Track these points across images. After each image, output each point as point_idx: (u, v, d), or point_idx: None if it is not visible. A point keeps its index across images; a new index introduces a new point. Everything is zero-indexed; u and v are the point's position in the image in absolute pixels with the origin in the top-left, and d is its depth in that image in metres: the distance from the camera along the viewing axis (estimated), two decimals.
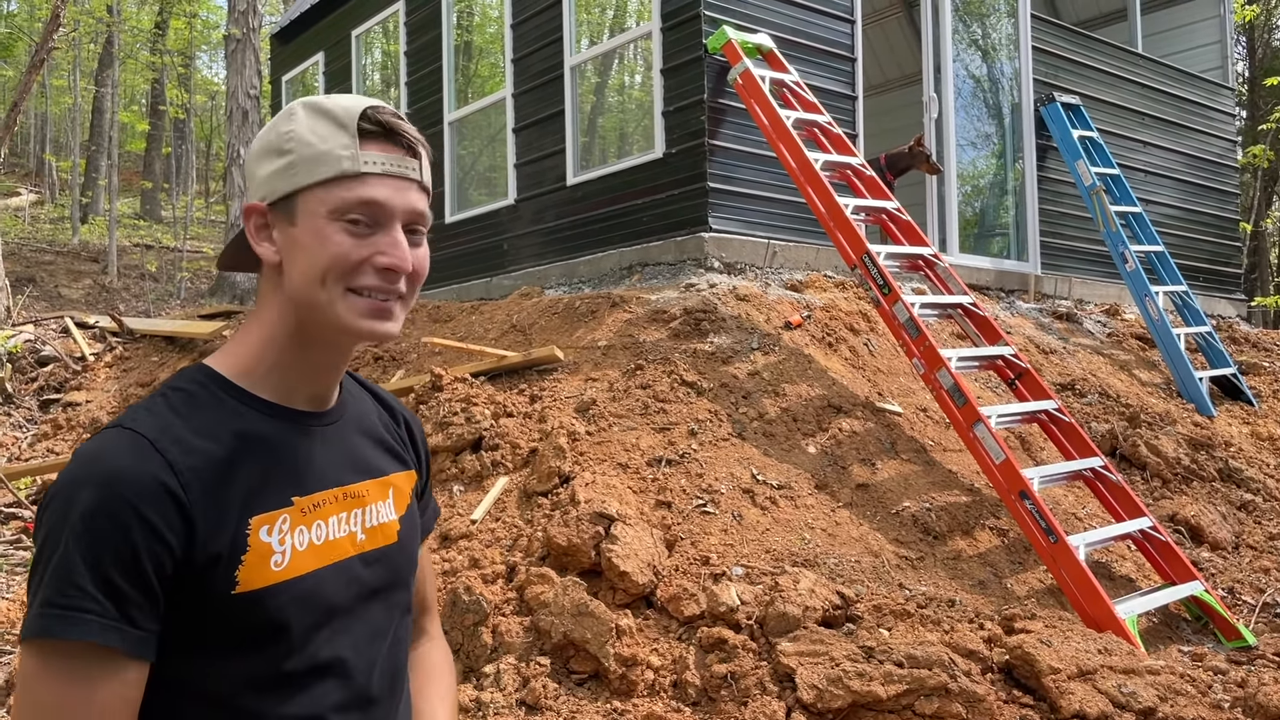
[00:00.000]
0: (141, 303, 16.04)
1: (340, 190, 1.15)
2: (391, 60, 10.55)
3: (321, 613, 1.19)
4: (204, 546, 1.09)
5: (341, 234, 1.15)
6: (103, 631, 1.03)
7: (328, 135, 1.16)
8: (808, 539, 4.29)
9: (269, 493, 1.16)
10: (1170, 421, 6.41)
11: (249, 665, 1.14)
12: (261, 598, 1.13)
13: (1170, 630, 4.42)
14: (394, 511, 1.33)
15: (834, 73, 7.45)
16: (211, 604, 1.10)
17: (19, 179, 27.07)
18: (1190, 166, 10.26)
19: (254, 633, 1.13)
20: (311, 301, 1.17)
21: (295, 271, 1.18)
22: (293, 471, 1.20)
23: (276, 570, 1.14)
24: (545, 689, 3.49)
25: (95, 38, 25.90)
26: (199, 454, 1.12)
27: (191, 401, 1.17)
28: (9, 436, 7.91)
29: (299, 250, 1.17)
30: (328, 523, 1.22)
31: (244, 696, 1.14)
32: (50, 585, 1.03)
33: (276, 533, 1.15)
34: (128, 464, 1.07)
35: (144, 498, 1.05)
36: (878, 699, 3.22)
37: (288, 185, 1.17)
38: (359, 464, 1.30)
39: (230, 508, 1.12)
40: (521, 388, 5.62)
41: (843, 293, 6.68)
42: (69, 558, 1.03)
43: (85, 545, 1.03)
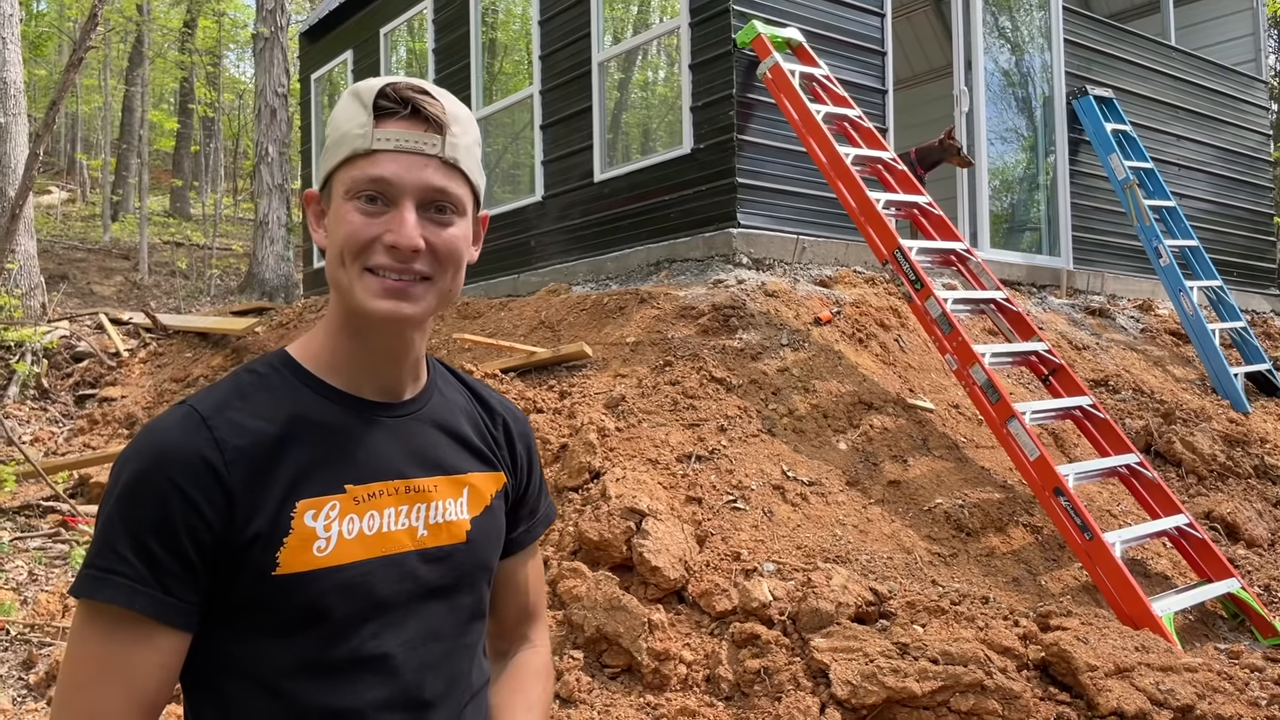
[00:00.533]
0: (172, 299, 16.21)
1: (353, 169, 1.16)
2: (419, 58, 10.59)
3: (368, 605, 1.17)
4: (245, 524, 1.10)
5: (354, 213, 1.15)
6: (132, 595, 1.05)
7: (352, 116, 1.17)
8: (839, 535, 4.28)
9: (320, 478, 1.16)
10: (1205, 418, 6.34)
11: (290, 651, 1.13)
12: (302, 581, 1.12)
13: (1207, 628, 4.37)
14: (466, 511, 1.29)
15: (864, 66, 7.41)
16: (252, 583, 1.11)
17: (51, 177, 27.40)
18: (1224, 160, 10.13)
19: (294, 617, 1.13)
20: (337, 282, 1.19)
21: (328, 254, 1.20)
22: (349, 459, 1.19)
23: (319, 556, 1.13)
24: (579, 682, 3.50)
25: (125, 37, 26.16)
26: (250, 434, 1.13)
27: (260, 383, 1.19)
28: (45, 431, 8.01)
29: (329, 232, 1.20)
30: (383, 514, 1.20)
31: (285, 681, 1.13)
32: (93, 547, 1.08)
33: (323, 518, 1.15)
34: (175, 438, 1.10)
35: (184, 470, 1.08)
36: (913, 695, 3.21)
37: (325, 169, 1.21)
38: (428, 459, 1.27)
39: (275, 488, 1.12)
40: (551, 384, 5.63)
41: (873, 288, 6.65)
42: (111, 523, 1.07)
43: (125, 512, 1.07)
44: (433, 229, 1.17)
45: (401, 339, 1.23)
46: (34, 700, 4.11)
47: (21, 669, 4.35)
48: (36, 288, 10.70)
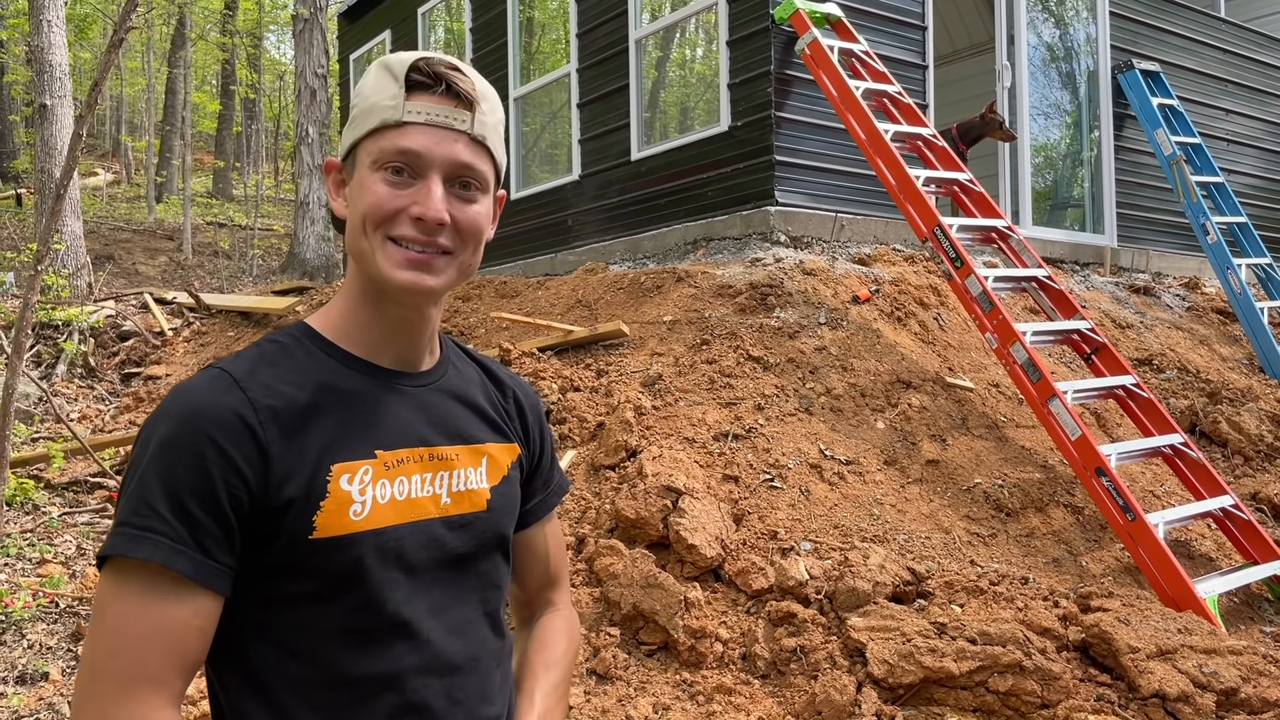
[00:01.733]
0: (215, 279, 16.41)
1: (382, 140, 1.17)
2: (456, 37, 10.60)
3: (400, 570, 1.18)
4: (281, 486, 1.10)
5: (381, 183, 1.16)
6: (170, 554, 1.04)
7: (382, 87, 1.18)
8: (877, 515, 4.25)
9: (352, 442, 1.17)
10: (1253, 397, 6.22)
11: (326, 616, 1.14)
12: (340, 544, 1.13)
13: (1252, 610, 4.31)
14: (486, 480, 1.31)
15: (904, 42, 7.31)
16: (289, 546, 1.11)
17: (96, 159, 27.79)
18: (1275, 134, 9.89)
19: (330, 581, 1.13)
20: (358, 251, 1.20)
21: (348, 222, 1.21)
22: (377, 425, 1.21)
23: (356, 520, 1.14)
24: (615, 659, 3.52)
25: (167, 19, 26.42)
26: (281, 396, 1.13)
27: (284, 352, 1.20)
28: (92, 409, 8.16)
29: (351, 201, 1.20)
30: (410, 480, 1.22)
31: (320, 647, 1.14)
32: (126, 506, 1.06)
33: (357, 482, 1.15)
34: (208, 397, 1.09)
35: (221, 428, 1.07)
36: (950, 675, 3.19)
37: (350, 139, 1.21)
38: (449, 428, 1.29)
39: (309, 452, 1.13)
40: (588, 362, 5.64)
41: (912, 266, 6.58)
42: (146, 481, 1.06)
43: (162, 470, 1.06)
44: (457, 204, 1.19)
45: (419, 311, 1.24)
46: None
47: (70, 640, 4.45)
48: (83, 268, 10.88)
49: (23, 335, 5.04)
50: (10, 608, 4.51)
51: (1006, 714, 3.16)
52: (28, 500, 5.98)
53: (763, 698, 3.37)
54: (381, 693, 1.16)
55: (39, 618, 4.58)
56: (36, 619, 4.56)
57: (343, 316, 1.25)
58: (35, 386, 7.54)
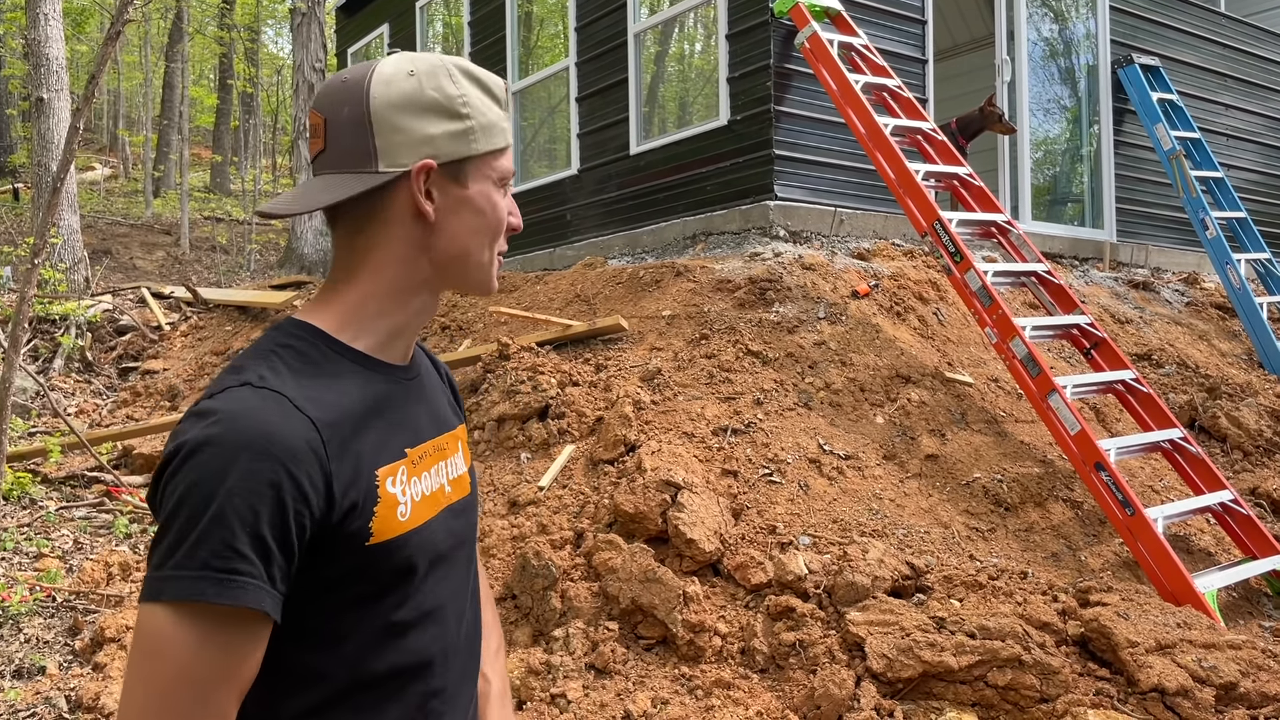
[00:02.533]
0: (213, 274, 16.39)
1: (503, 160, 1.25)
2: (454, 31, 10.57)
3: (435, 562, 1.23)
4: (340, 501, 1.09)
5: (502, 200, 1.26)
6: (259, 596, 1.01)
7: (493, 106, 1.24)
8: (876, 509, 4.25)
9: (388, 444, 1.19)
10: (1252, 393, 6.22)
11: (378, 614, 1.16)
12: (393, 547, 1.15)
13: (1251, 605, 4.30)
14: (464, 463, 1.37)
15: (904, 36, 7.30)
16: (347, 555, 1.11)
17: (94, 153, 27.74)
18: (1274, 130, 9.88)
19: (385, 582, 1.16)
20: (475, 261, 1.25)
21: (463, 231, 1.23)
22: (402, 423, 1.23)
23: (403, 521, 1.17)
24: (614, 653, 3.51)
25: (165, 13, 26.36)
26: (332, 409, 1.12)
27: (304, 358, 1.17)
28: (90, 403, 8.14)
29: (470, 212, 1.23)
30: (431, 473, 1.26)
31: (369, 646, 1.16)
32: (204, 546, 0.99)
33: (399, 484, 1.18)
34: (277, 424, 1.05)
35: (295, 458, 1.04)
36: (949, 669, 3.19)
37: (465, 149, 1.21)
38: (440, 417, 1.34)
39: (361, 461, 1.13)
40: (587, 357, 5.63)
41: (911, 261, 6.57)
42: (223, 519, 1.00)
43: (242, 506, 1.00)
44: None
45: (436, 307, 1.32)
46: (79, 665, 4.20)
47: (68, 635, 4.44)
48: (80, 262, 10.85)
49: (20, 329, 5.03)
50: (7, 602, 4.50)
51: (1005, 708, 3.16)
52: (25, 494, 5.97)
53: (761, 692, 3.36)
54: (414, 681, 1.21)
55: (36, 612, 4.57)
56: (33, 613, 4.55)
57: (357, 315, 1.23)
58: (32, 381, 7.52)
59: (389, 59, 1.21)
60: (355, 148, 1.18)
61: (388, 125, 1.18)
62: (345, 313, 1.23)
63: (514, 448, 4.99)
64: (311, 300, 1.26)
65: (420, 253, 1.22)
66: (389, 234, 1.22)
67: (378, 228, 1.21)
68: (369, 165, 1.18)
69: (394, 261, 1.22)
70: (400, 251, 1.22)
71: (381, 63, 1.21)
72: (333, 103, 1.19)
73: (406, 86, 1.18)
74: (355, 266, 1.23)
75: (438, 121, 1.19)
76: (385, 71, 1.19)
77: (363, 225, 1.22)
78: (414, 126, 1.18)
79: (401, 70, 1.20)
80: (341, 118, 1.18)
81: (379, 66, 1.20)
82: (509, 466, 4.88)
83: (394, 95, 1.18)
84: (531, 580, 3.90)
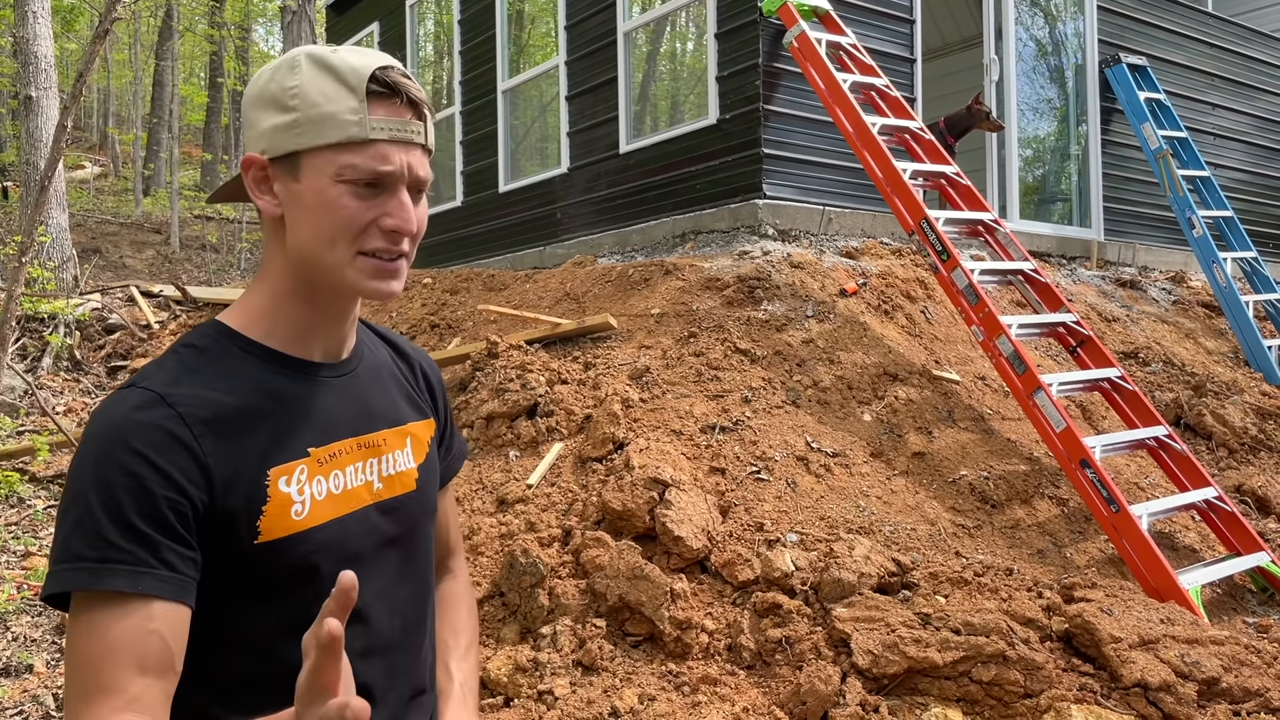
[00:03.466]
0: (203, 273, 16.35)
1: (347, 155, 1.14)
2: (445, 29, 10.56)
3: (346, 560, 1.20)
4: (224, 497, 1.10)
5: (348, 197, 1.14)
6: (133, 578, 1.03)
7: (335, 96, 1.14)
8: (863, 506, 4.27)
9: (286, 444, 1.17)
10: (1237, 390, 6.25)
11: (277, 613, 1.15)
12: (285, 546, 1.14)
13: (1235, 601, 4.33)
14: (412, 460, 1.34)
15: (892, 35, 7.32)
16: (237, 554, 1.11)
17: (83, 152, 27.64)
18: (1261, 129, 9.93)
19: (280, 581, 1.15)
20: (320, 262, 1.17)
21: (303, 230, 1.17)
22: (308, 422, 1.21)
23: (297, 520, 1.16)
24: (601, 650, 3.53)
25: (154, 11, 26.27)
26: (211, 405, 1.12)
27: (203, 356, 1.17)
28: (78, 402, 8.13)
29: (304, 209, 1.16)
30: (345, 472, 1.24)
31: (273, 643, 1.15)
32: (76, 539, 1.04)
33: (295, 483, 1.16)
34: (136, 417, 1.07)
35: (156, 447, 1.06)
36: (934, 665, 3.21)
37: (291, 144, 1.15)
38: (375, 413, 1.31)
39: (247, 458, 1.13)
40: (576, 355, 5.64)
41: (899, 260, 6.60)
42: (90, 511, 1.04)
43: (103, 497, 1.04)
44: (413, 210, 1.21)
45: (354, 304, 1.27)
46: None
47: (55, 633, 4.43)
48: (69, 261, 10.82)
49: (7, 328, 5.02)
50: None
51: (990, 704, 3.18)
52: (13, 493, 5.95)
53: (748, 688, 3.38)
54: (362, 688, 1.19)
55: (23, 610, 4.57)
56: (21, 611, 4.55)
57: (265, 313, 1.22)
58: (20, 379, 7.50)
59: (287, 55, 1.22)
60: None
61: (246, 120, 1.21)
62: (253, 310, 1.23)
63: (502, 446, 5.00)
64: (240, 297, 1.27)
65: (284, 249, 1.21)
66: (267, 230, 1.23)
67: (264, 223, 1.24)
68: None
69: (275, 258, 1.22)
70: (274, 248, 1.22)
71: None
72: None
73: (260, 81, 1.19)
74: (264, 262, 1.25)
75: (270, 115, 1.16)
76: (265, 67, 1.21)
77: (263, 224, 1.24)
78: (255, 120, 1.18)
79: (272, 65, 1.20)
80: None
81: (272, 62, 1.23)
82: (497, 464, 4.89)
83: (251, 90, 1.20)
84: (519, 578, 3.91)
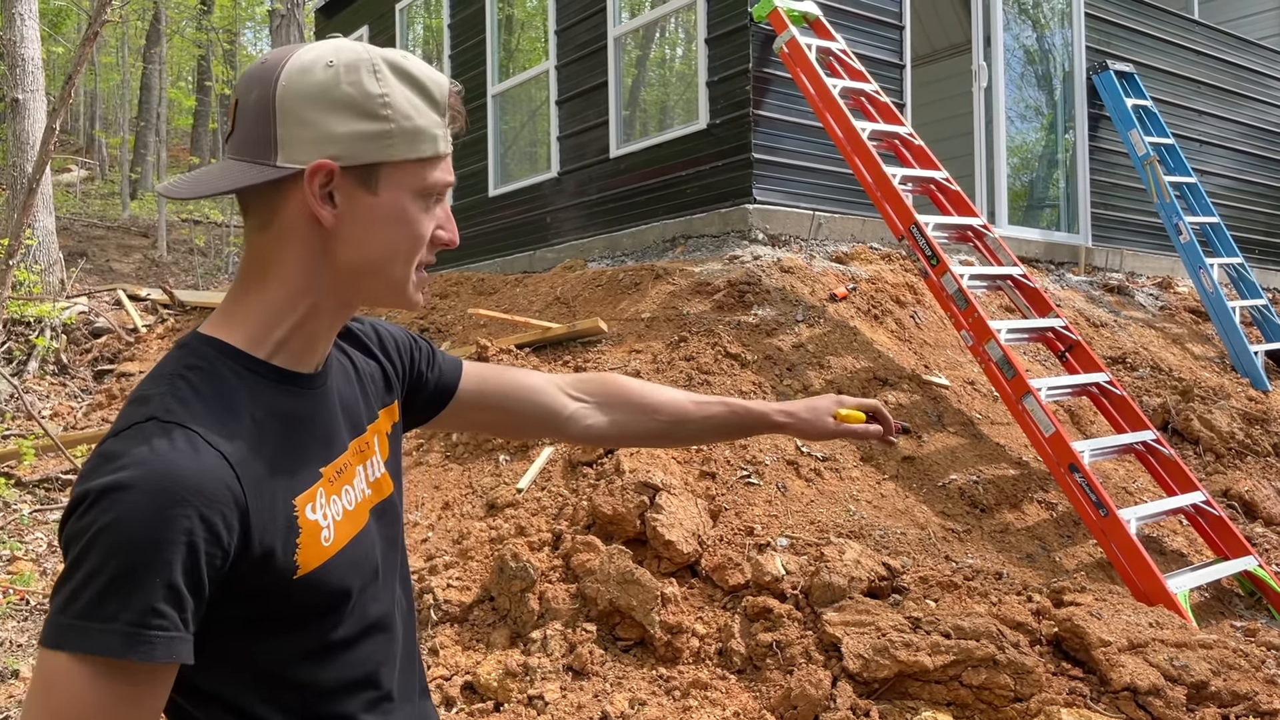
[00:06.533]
0: (191, 277, 16.29)
1: (429, 170, 1.12)
2: (435, 34, 10.56)
3: (370, 575, 1.19)
4: (260, 538, 1.03)
5: (423, 213, 1.13)
6: (167, 646, 0.94)
7: (423, 109, 1.11)
8: (853, 510, 4.27)
9: (301, 469, 1.11)
10: (1224, 396, 6.29)
11: (305, 638, 1.12)
12: (322, 575, 1.10)
13: (1223, 605, 4.35)
14: (383, 457, 1.30)
15: (882, 40, 7.35)
16: (274, 590, 1.06)
17: (70, 154, 27.51)
18: (1247, 136, 10.00)
19: (316, 609, 1.11)
20: (382, 276, 1.13)
21: (369, 244, 1.11)
22: (315, 441, 1.16)
23: (328, 546, 1.11)
24: (592, 655, 3.52)
25: (142, 14, 26.18)
26: (245, 442, 1.04)
27: (213, 379, 1.07)
28: (65, 406, 8.08)
29: (375, 223, 1.11)
30: (353, 485, 1.20)
31: (298, 668, 1.12)
32: (113, 597, 0.92)
33: (319, 509, 1.12)
34: (188, 466, 0.97)
35: (209, 501, 0.97)
36: (924, 669, 3.21)
37: (379, 155, 1.09)
38: (354, 416, 1.25)
39: (277, 492, 1.07)
40: (566, 359, 5.64)
41: (889, 264, 6.62)
42: (132, 569, 0.93)
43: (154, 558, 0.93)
44: None
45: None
46: None
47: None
48: (55, 264, 10.76)
49: None
50: None
51: (980, 708, 3.19)
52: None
53: (739, 692, 3.38)
54: (362, 689, 1.18)
55: (9, 615, 4.54)
56: (6, 616, 4.52)
57: (270, 328, 1.13)
58: (6, 383, 7.46)
59: (318, 44, 1.11)
60: (258, 135, 1.08)
61: (292, 117, 1.07)
62: (257, 325, 1.13)
63: (493, 450, 4.99)
64: (220, 307, 1.15)
65: (323, 260, 1.12)
66: (290, 235, 1.11)
67: (280, 227, 1.11)
68: (268, 156, 1.07)
69: (298, 267, 1.12)
70: (301, 257, 1.11)
71: (306, 48, 1.10)
72: (247, 84, 1.10)
73: (321, 77, 1.07)
74: (263, 269, 1.13)
75: (349, 120, 1.08)
76: (305, 59, 1.08)
77: (267, 221, 1.11)
78: (320, 122, 1.07)
79: (321, 59, 1.08)
80: (250, 101, 1.08)
81: (300, 52, 1.09)
82: (487, 469, 4.88)
83: (305, 85, 1.07)
84: (509, 582, 3.90)
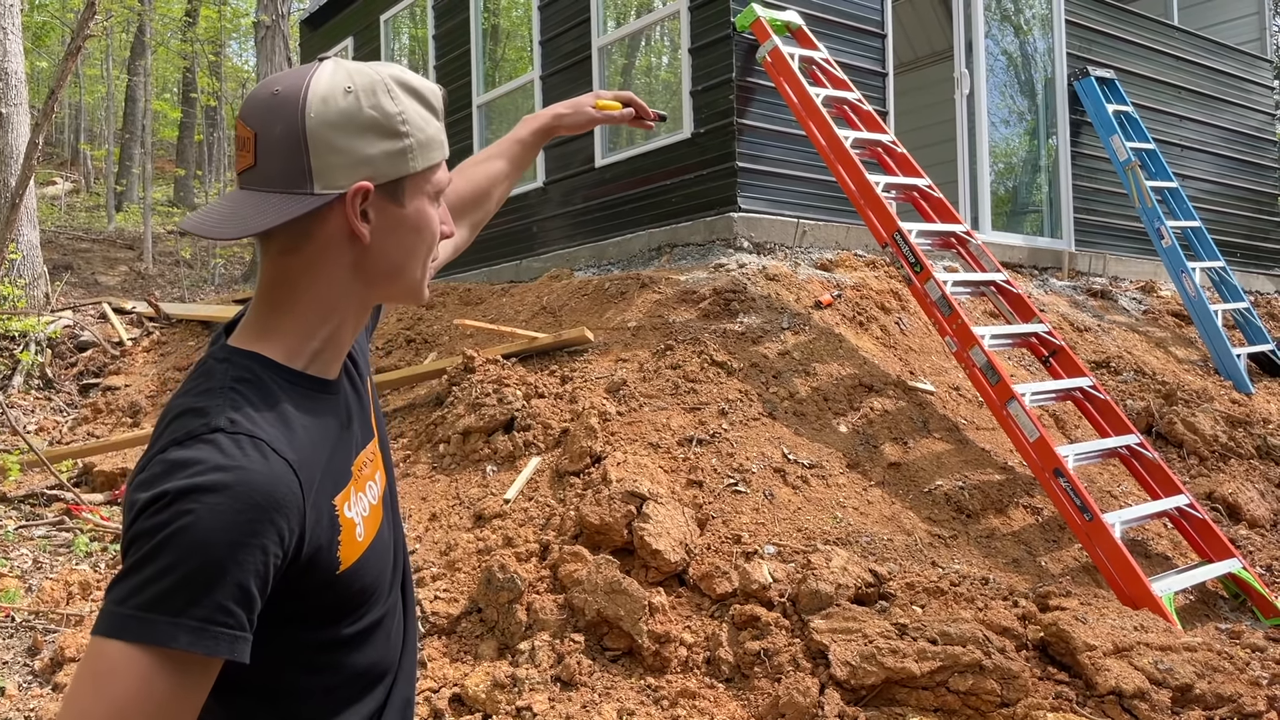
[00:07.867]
0: (177, 289, 16.23)
1: (439, 174, 1.22)
2: (420, 44, 10.57)
3: (393, 569, 1.29)
4: (311, 539, 1.10)
5: (434, 213, 1.22)
6: (234, 644, 1.00)
7: (430, 119, 1.19)
8: (840, 517, 4.28)
9: (338, 470, 1.19)
10: (1207, 399, 6.33)
11: (347, 627, 1.20)
12: (357, 569, 1.18)
13: (1208, 608, 4.38)
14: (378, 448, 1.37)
15: (864, 49, 7.39)
16: (321, 585, 1.13)
17: (55, 167, 27.40)
18: (1227, 140, 10.09)
19: (353, 600, 1.20)
20: (406, 278, 1.23)
21: (396, 251, 1.20)
22: (347, 443, 1.23)
23: (361, 541, 1.20)
24: (580, 665, 3.52)
25: (127, 27, 26.12)
26: (300, 449, 1.10)
27: (263, 392, 1.13)
28: (50, 420, 8.04)
29: (404, 231, 1.19)
30: (375, 480, 1.28)
31: (341, 655, 1.21)
32: (182, 593, 0.97)
33: (352, 507, 1.20)
34: (263, 474, 1.03)
35: (281, 509, 1.03)
36: (911, 675, 3.22)
37: (404, 168, 1.16)
38: (365, 418, 1.32)
39: (324, 495, 1.13)
40: (552, 369, 5.64)
41: (874, 271, 6.64)
42: (208, 570, 0.97)
43: (229, 561, 0.98)
44: None
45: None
46: (39, 686, 4.14)
47: (26, 655, 4.38)
48: (40, 278, 10.72)
49: None
50: None
51: (967, 713, 3.20)
52: None
53: (727, 701, 3.38)
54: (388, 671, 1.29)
55: None
56: None
57: (305, 341, 1.19)
58: None
59: (323, 70, 1.14)
60: (289, 168, 1.11)
61: (324, 146, 1.11)
62: (294, 339, 1.19)
63: (479, 460, 4.99)
64: (249, 322, 1.20)
65: (355, 273, 1.19)
66: (324, 255, 1.16)
67: (313, 250, 1.16)
68: (303, 186, 1.11)
69: (332, 283, 1.18)
70: (335, 273, 1.18)
71: (315, 75, 1.13)
72: (265, 117, 1.12)
73: (344, 104, 1.12)
74: (294, 287, 1.18)
75: (376, 141, 1.14)
76: (321, 88, 1.12)
77: (298, 244, 1.15)
78: (352, 147, 1.12)
79: (338, 87, 1.13)
80: (274, 135, 1.11)
81: (313, 80, 1.13)
82: (474, 480, 4.88)
83: (331, 114, 1.12)
84: (497, 593, 3.90)
